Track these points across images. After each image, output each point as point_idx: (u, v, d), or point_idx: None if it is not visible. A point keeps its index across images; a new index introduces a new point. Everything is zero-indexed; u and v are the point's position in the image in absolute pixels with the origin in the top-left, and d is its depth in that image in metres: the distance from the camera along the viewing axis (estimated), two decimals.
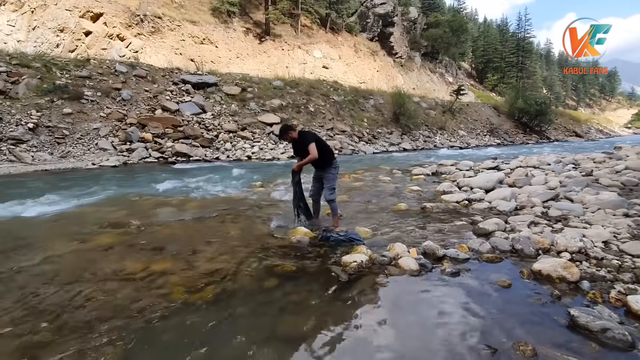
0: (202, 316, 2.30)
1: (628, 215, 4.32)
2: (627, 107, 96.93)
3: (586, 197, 5.05)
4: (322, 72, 29.43)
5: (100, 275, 2.93)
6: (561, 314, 2.22)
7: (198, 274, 2.93)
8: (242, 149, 15.19)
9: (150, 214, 5.15)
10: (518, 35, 57.00)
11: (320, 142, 4.14)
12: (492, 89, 52.43)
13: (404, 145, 21.80)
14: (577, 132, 42.63)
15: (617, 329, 1.97)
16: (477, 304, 2.37)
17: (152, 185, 7.63)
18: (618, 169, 7.94)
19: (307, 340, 2.03)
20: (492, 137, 30.32)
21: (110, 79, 14.97)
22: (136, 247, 3.59)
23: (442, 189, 6.47)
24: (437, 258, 3.10)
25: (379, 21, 37.17)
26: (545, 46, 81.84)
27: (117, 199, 6.35)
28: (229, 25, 26.46)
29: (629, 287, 2.51)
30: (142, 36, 21.11)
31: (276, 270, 2.95)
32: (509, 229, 3.94)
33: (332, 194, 4.17)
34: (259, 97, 18.99)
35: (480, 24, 66.01)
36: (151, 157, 12.53)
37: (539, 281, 2.69)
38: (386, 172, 9.97)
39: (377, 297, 2.51)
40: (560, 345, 1.94)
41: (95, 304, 2.46)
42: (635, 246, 3.23)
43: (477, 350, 1.89)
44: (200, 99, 16.81)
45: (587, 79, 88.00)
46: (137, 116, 13.92)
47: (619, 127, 69.63)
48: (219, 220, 4.80)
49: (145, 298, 2.52)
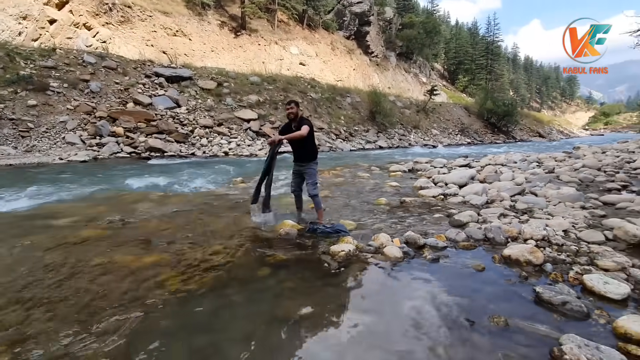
0: (200, 304, 2.38)
1: (584, 207, 4.77)
2: (585, 110, 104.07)
3: (549, 192, 5.50)
4: (299, 69, 29.41)
5: (89, 268, 2.92)
6: (528, 292, 2.50)
7: (190, 265, 2.99)
8: (219, 144, 15.00)
9: (131, 209, 5.07)
10: (487, 39, 59.48)
11: (313, 134, 4.28)
12: (463, 90, 54.47)
13: (380, 143, 22.29)
14: (541, 132, 45.22)
15: (575, 302, 2.25)
16: (455, 286, 2.61)
17: (127, 181, 7.45)
18: (576, 166, 8.63)
19: (307, 320, 2.17)
20: (463, 137, 31.58)
21: (78, 70, 14.30)
22: (122, 241, 3.57)
23: (419, 185, 6.79)
24: (418, 247, 3.33)
25: (356, 20, 37.57)
26: (512, 50, 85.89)
27: (93, 195, 6.18)
28: (204, 17, 25.85)
29: (584, 268, 2.84)
30: (111, 26, 20.22)
31: (268, 260, 3.06)
32: (481, 220, 4.25)
33: (315, 189, 4.30)
34: (235, 93, 18.77)
35: (452, 26, 68.19)
36: (123, 152, 12.13)
37: (508, 265, 2.98)
38: (364, 168, 10.24)
39: (366, 281, 2.69)
40: (528, 317, 2.20)
41: (88, 296, 2.47)
42: (590, 234, 3.61)
43: (458, 323, 2.11)
44: (174, 93, 16.40)
45: (550, 83, 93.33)
46: (108, 109, 13.41)
47: (578, 129, 74.52)
48: (203, 214, 4.81)
49: (141, 289, 2.56)
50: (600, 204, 5.02)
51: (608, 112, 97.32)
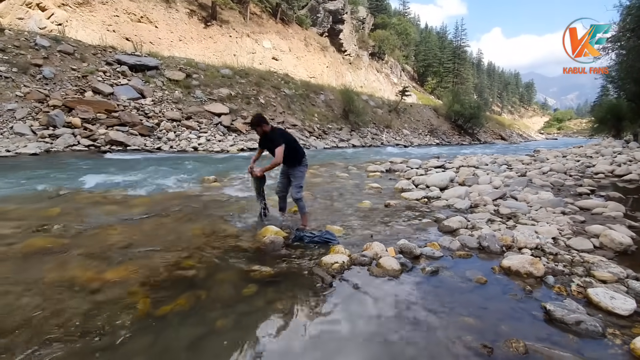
0: (177, 332, 2.01)
1: (565, 213, 4.83)
2: (540, 115, 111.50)
3: (529, 197, 5.56)
4: (271, 64, 28.75)
5: (40, 286, 2.44)
6: (536, 308, 2.37)
7: (164, 282, 2.58)
8: (188, 139, 14.21)
9: (90, 212, 4.49)
10: (454, 43, 61.63)
11: (291, 143, 3.95)
12: (432, 92, 56.12)
13: (353, 142, 22.28)
14: (502, 135, 47.56)
15: (589, 321, 2.13)
16: (461, 303, 2.42)
17: (84, 178, 6.70)
18: (544, 170, 8.95)
19: (304, 356, 1.87)
20: (432, 137, 32.43)
21: (30, 54, 12.92)
22: (80, 253, 3.07)
23: (400, 187, 6.67)
24: (414, 257, 3.13)
25: (329, 17, 37.38)
26: (477, 56, 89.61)
27: (44, 194, 5.46)
28: (171, 5, 24.51)
29: (585, 280, 2.77)
30: (68, 7, 18.59)
31: (253, 276, 2.72)
32: (470, 226, 4.16)
33: (299, 192, 4.03)
34: (205, 85, 17.91)
35: (422, 29, 69.88)
36: (80, 145, 11.10)
37: (509, 276, 2.85)
38: (341, 168, 10.05)
39: (365, 301, 2.43)
40: (543, 339, 2.04)
41: (38, 321, 2.02)
42: (579, 242, 3.60)
43: (475, 349, 1.91)
44: (138, 83, 15.31)
45: (510, 88, 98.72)
46: (62, 98, 12.21)
47: (535, 132, 79.46)
48: (175, 219, 4.35)
49: (104, 313, 2.14)
50: (577, 209, 5.12)
51: (561, 117, 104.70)
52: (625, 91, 19.57)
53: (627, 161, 10.38)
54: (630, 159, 10.72)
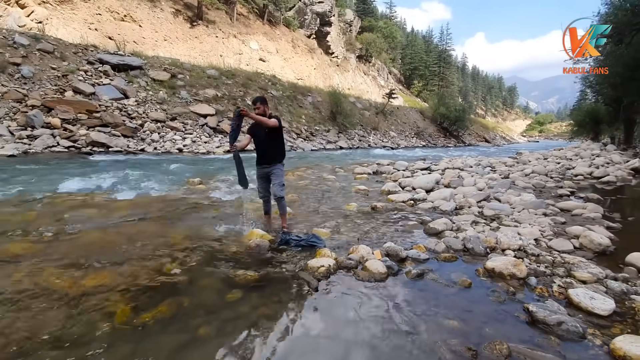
0: (158, 340, 1.95)
1: (546, 214, 4.95)
2: (522, 118, 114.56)
3: (512, 198, 5.67)
4: (258, 65, 28.59)
5: (15, 294, 2.33)
6: (519, 310, 2.39)
7: (145, 289, 2.50)
8: (172, 140, 13.98)
9: (69, 216, 4.34)
10: (440, 47, 62.64)
11: (282, 132, 4.08)
12: (418, 95, 56.86)
13: (341, 144, 22.35)
14: (486, 138, 48.59)
15: (570, 322, 2.17)
16: (446, 306, 2.43)
17: (64, 181, 6.50)
18: (526, 172, 9.15)
19: None
20: (418, 139, 32.85)
21: (7, 52, 12.52)
22: (57, 259, 2.95)
23: (387, 189, 6.70)
24: (400, 259, 3.14)
25: (317, 19, 37.46)
26: (461, 59, 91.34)
27: (21, 197, 5.27)
28: (156, 4, 24.11)
29: (565, 280, 2.83)
30: (48, 5, 18.07)
31: (238, 281, 2.67)
32: (455, 228, 4.20)
33: (282, 190, 3.98)
34: (191, 86, 17.68)
35: (408, 33, 70.78)
36: (59, 146, 10.80)
37: (493, 278, 2.88)
38: (329, 170, 10.05)
39: (351, 303, 2.41)
40: (526, 340, 2.06)
41: (10, 331, 1.93)
42: (560, 243, 3.68)
43: (459, 353, 1.92)
44: (121, 83, 15.00)
45: (494, 92, 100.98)
46: (42, 97, 11.86)
47: (517, 135, 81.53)
48: (158, 223, 4.25)
49: (82, 322, 2.05)
50: (558, 211, 5.25)
51: (542, 121, 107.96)
52: (603, 96, 20.31)
53: (605, 163, 10.74)
54: (608, 162, 11.10)
